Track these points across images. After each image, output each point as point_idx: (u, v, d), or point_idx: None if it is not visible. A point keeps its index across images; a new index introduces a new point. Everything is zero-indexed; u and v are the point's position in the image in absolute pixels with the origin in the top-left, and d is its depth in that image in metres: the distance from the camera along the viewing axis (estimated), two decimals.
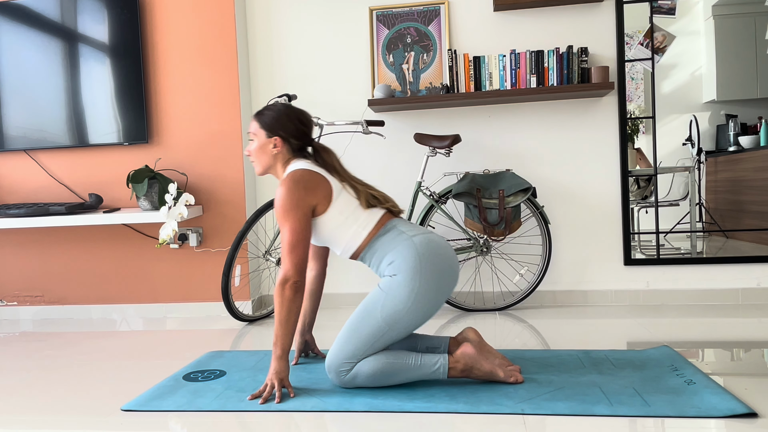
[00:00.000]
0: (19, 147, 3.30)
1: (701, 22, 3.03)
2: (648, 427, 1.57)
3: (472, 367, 1.88)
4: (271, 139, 2.00)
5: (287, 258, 1.86)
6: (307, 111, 2.08)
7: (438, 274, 1.88)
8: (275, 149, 2.00)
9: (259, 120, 2.02)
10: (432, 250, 1.89)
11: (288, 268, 1.85)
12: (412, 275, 1.85)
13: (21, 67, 3.27)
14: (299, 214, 1.87)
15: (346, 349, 1.86)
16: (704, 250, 3.09)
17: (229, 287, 2.80)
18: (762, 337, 2.37)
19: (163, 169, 3.25)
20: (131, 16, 3.16)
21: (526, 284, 3.14)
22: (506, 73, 3.02)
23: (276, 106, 2.02)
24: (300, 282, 1.85)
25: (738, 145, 3.04)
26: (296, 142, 2.02)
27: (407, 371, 1.87)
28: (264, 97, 3.33)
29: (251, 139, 2.04)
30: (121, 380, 2.16)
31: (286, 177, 1.92)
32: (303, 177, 1.91)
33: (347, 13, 3.24)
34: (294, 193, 1.88)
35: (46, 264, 3.40)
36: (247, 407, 1.81)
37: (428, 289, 1.86)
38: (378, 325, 1.85)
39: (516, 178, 2.90)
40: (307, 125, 2.04)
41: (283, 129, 1.99)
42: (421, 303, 1.86)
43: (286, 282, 1.85)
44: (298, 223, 1.87)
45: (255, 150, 2.02)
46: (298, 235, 1.87)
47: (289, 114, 2.01)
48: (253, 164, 2.07)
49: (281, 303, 1.85)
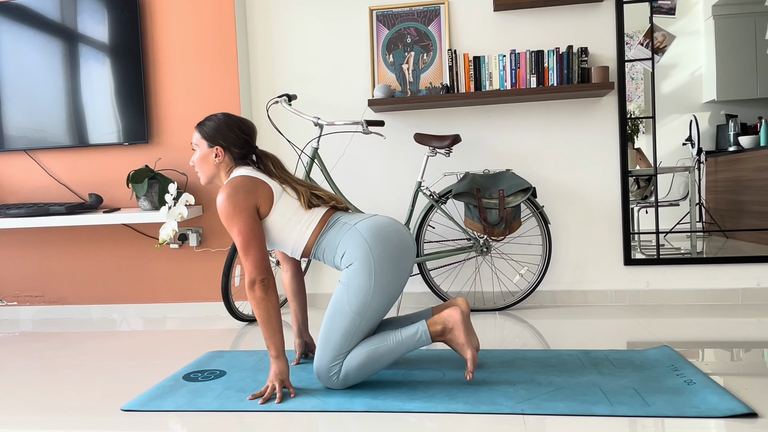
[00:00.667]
0: (19, 147, 3.30)
1: (701, 22, 3.03)
2: (648, 427, 1.57)
3: (452, 330, 1.89)
4: (212, 149, 2.04)
5: (245, 261, 1.89)
6: (248, 119, 2.12)
7: (390, 251, 1.89)
8: (217, 159, 2.04)
9: (200, 131, 2.06)
10: (377, 231, 1.91)
11: (249, 270, 1.88)
12: (366, 260, 1.87)
13: (21, 67, 3.27)
14: (244, 215, 1.90)
15: (328, 351, 1.88)
16: (704, 250, 3.09)
17: (229, 287, 2.80)
18: (762, 337, 2.37)
19: (163, 169, 3.25)
20: (131, 16, 3.16)
21: (526, 284, 3.14)
22: (506, 73, 3.02)
23: (216, 116, 2.06)
24: (267, 279, 1.88)
25: (738, 145, 3.04)
26: (237, 150, 2.05)
27: (393, 350, 1.88)
28: (264, 97, 3.33)
29: (194, 149, 2.08)
30: (121, 380, 2.16)
31: (225, 185, 1.96)
32: (242, 182, 1.94)
33: (347, 13, 3.24)
34: (233, 197, 1.90)
35: (46, 264, 3.40)
36: (247, 407, 1.81)
37: (385, 269, 1.88)
38: (351, 318, 1.86)
39: (516, 178, 2.90)
40: (249, 134, 2.07)
41: (224, 139, 2.03)
42: (382, 284, 1.87)
43: (253, 283, 1.87)
44: (244, 223, 1.89)
45: (198, 160, 2.06)
46: (248, 235, 1.89)
47: (229, 123, 2.05)
48: (198, 174, 2.11)
49: (257, 305, 1.87)
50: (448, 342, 1.91)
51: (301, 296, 2.27)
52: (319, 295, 3.32)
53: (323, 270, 3.32)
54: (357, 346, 1.88)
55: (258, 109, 3.34)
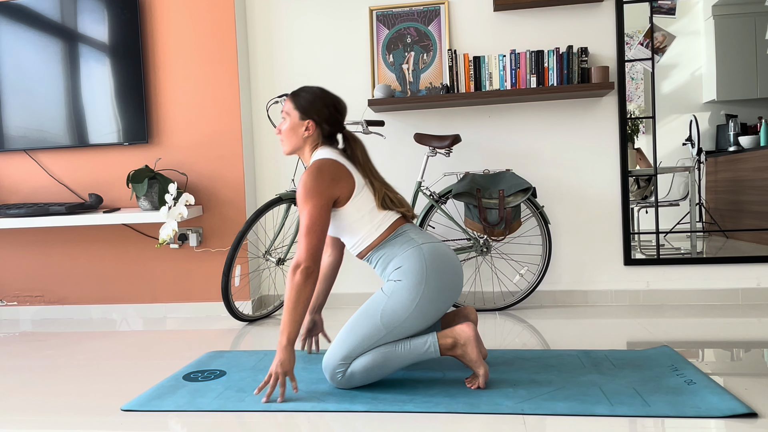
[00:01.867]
0: (19, 147, 3.30)
1: (701, 22, 3.03)
2: (648, 427, 1.57)
3: (464, 346, 1.87)
4: (304, 121, 1.99)
5: (302, 242, 1.85)
6: (341, 98, 2.06)
7: (442, 284, 1.88)
8: (306, 132, 1.99)
9: (295, 101, 2.00)
10: (439, 260, 1.89)
11: (301, 253, 1.85)
12: (417, 283, 1.85)
13: (21, 67, 3.27)
14: (321, 202, 1.87)
15: (344, 347, 1.86)
16: (704, 250, 3.09)
17: (229, 287, 2.80)
18: (762, 337, 2.37)
19: (163, 169, 3.25)
20: (131, 16, 3.16)
21: (526, 284, 3.14)
22: (506, 73, 3.02)
23: (312, 89, 2.01)
24: (312, 268, 1.84)
25: (738, 145, 3.04)
26: (328, 128, 2.00)
27: (400, 358, 1.87)
28: (264, 97, 3.33)
29: (284, 117, 2.03)
30: (121, 380, 2.16)
31: (313, 164, 1.92)
32: (330, 167, 1.91)
33: (347, 13, 3.24)
34: (319, 181, 1.87)
35: (46, 264, 3.40)
36: (247, 407, 1.81)
37: (431, 299, 1.87)
38: (376, 328, 1.85)
39: (516, 178, 2.89)
40: (342, 113, 2.03)
41: (318, 113, 1.98)
42: (421, 311, 1.86)
43: (298, 267, 1.84)
44: (317, 209, 1.86)
45: (286, 130, 2.01)
46: (315, 220, 1.86)
47: (324, 99, 2.00)
48: (282, 143, 2.05)
49: (291, 288, 1.84)
50: (459, 357, 1.89)
51: (330, 281, 2.26)
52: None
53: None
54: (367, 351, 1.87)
55: (258, 109, 3.34)
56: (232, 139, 3.20)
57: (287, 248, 2.98)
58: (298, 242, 1.87)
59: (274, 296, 3.37)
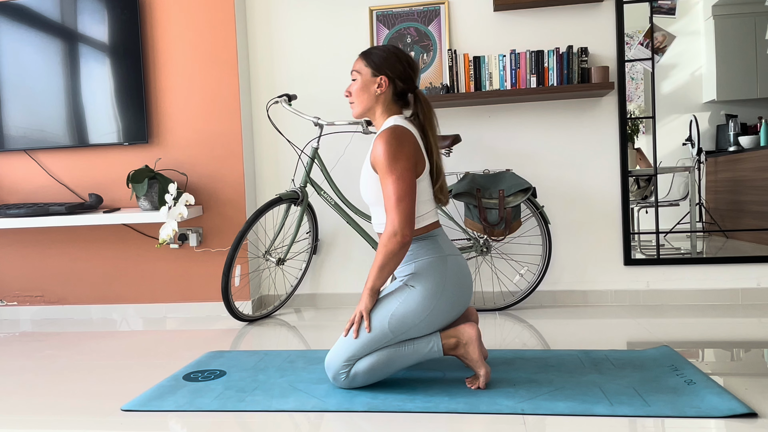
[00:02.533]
0: (19, 147, 3.30)
1: (701, 22, 3.03)
2: (648, 427, 1.57)
3: (466, 346, 1.87)
4: (376, 78, 1.92)
5: (395, 210, 1.78)
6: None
7: (456, 298, 1.89)
8: (379, 89, 1.93)
9: (366, 58, 1.94)
10: (459, 274, 1.89)
11: (398, 221, 1.77)
12: (433, 294, 1.85)
13: (21, 67, 3.27)
14: (408, 165, 1.80)
15: (349, 349, 1.86)
16: (704, 250, 3.09)
17: (229, 287, 2.80)
18: (762, 337, 2.37)
19: (163, 169, 3.25)
20: (131, 16, 3.16)
21: (526, 284, 3.14)
22: (506, 73, 3.02)
23: (384, 46, 1.96)
24: (408, 237, 1.79)
25: (738, 145, 3.04)
26: (401, 85, 1.94)
27: (403, 358, 1.87)
28: (264, 97, 3.33)
29: (354, 78, 1.96)
30: (121, 380, 2.16)
31: (390, 128, 1.85)
32: (411, 137, 1.84)
33: (347, 13, 3.24)
34: (404, 144, 1.81)
35: (46, 264, 3.40)
36: (247, 407, 1.81)
37: (442, 311, 1.87)
38: (383, 332, 1.85)
39: (516, 178, 2.89)
40: (415, 71, 1.96)
41: (391, 69, 1.92)
42: (431, 321, 1.87)
43: (395, 235, 1.78)
44: (407, 172, 1.79)
45: (357, 89, 1.94)
46: (408, 184, 1.79)
47: (398, 55, 1.94)
48: (352, 105, 1.98)
49: (384, 254, 1.80)
50: (460, 357, 1.90)
51: None
52: (319, 295, 3.32)
53: (323, 270, 3.32)
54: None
55: (258, 109, 3.34)
56: (232, 139, 3.20)
57: (287, 248, 2.98)
58: (390, 211, 1.80)
59: (274, 296, 3.37)
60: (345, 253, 3.30)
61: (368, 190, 1.94)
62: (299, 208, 2.96)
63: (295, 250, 3.28)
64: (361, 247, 3.27)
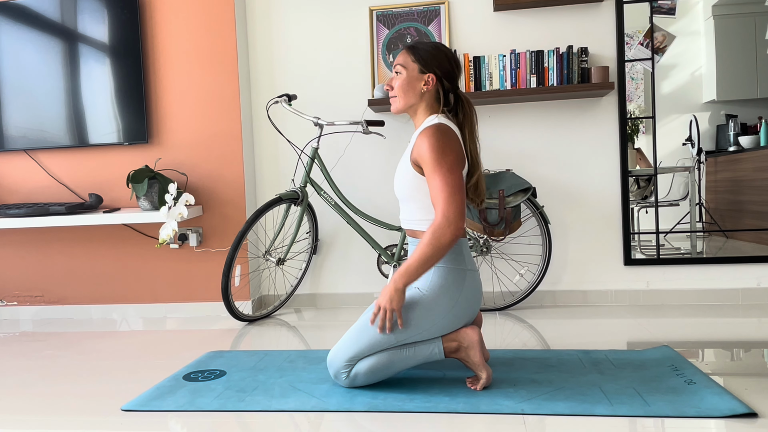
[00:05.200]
0: (19, 147, 3.30)
1: (701, 22, 3.03)
2: (648, 427, 1.57)
3: (467, 349, 1.87)
4: (424, 75, 1.86)
5: (450, 201, 1.71)
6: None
7: (464, 311, 1.89)
8: (425, 87, 1.86)
9: (414, 53, 1.87)
10: (473, 290, 1.89)
11: (451, 211, 1.70)
12: (443, 307, 1.84)
13: (21, 67, 3.27)
14: (457, 159, 1.76)
15: (351, 349, 1.86)
16: (704, 250, 3.09)
17: (229, 287, 2.80)
18: (762, 337, 2.37)
19: (163, 169, 3.25)
20: (131, 16, 3.16)
21: (526, 284, 3.14)
22: (506, 73, 3.02)
23: (430, 42, 1.89)
24: (462, 230, 1.73)
25: (738, 145, 3.04)
26: (447, 84, 1.87)
27: (404, 360, 1.87)
28: (264, 97, 3.33)
29: (398, 72, 1.89)
30: (121, 380, 2.16)
31: (434, 125, 1.80)
32: (454, 137, 1.80)
33: (347, 14, 3.24)
34: (452, 139, 1.78)
35: (46, 264, 3.40)
36: (247, 407, 1.81)
37: (449, 321, 1.87)
38: (387, 336, 1.84)
39: (516, 178, 2.89)
40: (460, 70, 1.92)
41: (440, 67, 1.85)
42: (437, 330, 1.87)
43: (449, 226, 1.70)
44: (457, 166, 1.75)
45: (402, 84, 1.87)
46: (459, 178, 1.73)
47: (447, 52, 1.88)
48: (392, 100, 1.91)
49: (434, 246, 1.72)
50: (462, 360, 1.89)
51: None
52: (319, 295, 3.32)
53: (323, 270, 3.32)
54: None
55: (258, 109, 3.34)
56: (232, 139, 3.20)
57: (287, 248, 2.98)
58: (444, 203, 1.72)
59: (274, 296, 3.37)
60: (345, 253, 3.30)
61: (403, 185, 1.90)
62: (299, 208, 2.96)
63: (295, 250, 3.28)
64: (361, 247, 3.27)
